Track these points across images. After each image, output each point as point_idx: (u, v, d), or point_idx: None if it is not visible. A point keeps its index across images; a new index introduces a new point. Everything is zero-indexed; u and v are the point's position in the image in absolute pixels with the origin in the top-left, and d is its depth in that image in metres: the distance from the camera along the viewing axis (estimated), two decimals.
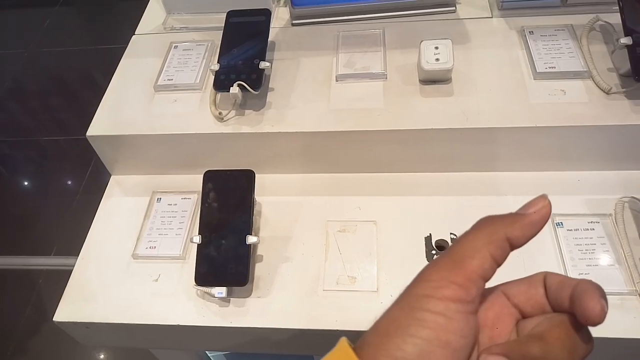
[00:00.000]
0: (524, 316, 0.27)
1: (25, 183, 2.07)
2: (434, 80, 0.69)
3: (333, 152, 0.69)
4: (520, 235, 0.26)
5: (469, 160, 0.68)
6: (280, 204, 0.69)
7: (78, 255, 0.67)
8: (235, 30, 0.73)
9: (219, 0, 0.82)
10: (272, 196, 0.70)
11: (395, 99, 0.69)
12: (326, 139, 0.67)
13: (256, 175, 0.69)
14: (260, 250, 0.64)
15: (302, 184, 0.71)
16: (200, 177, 0.66)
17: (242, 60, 0.69)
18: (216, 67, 0.69)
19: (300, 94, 0.71)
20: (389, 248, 0.64)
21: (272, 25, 0.81)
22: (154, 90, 0.74)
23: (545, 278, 0.27)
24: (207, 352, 0.88)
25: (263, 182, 0.71)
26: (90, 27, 2.54)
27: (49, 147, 2.15)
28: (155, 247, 0.65)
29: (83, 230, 0.70)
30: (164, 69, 0.76)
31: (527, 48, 0.71)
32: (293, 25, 0.82)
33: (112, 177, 0.76)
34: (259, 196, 0.68)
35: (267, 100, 0.71)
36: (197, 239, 0.60)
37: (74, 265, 0.66)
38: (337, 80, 0.72)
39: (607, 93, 0.65)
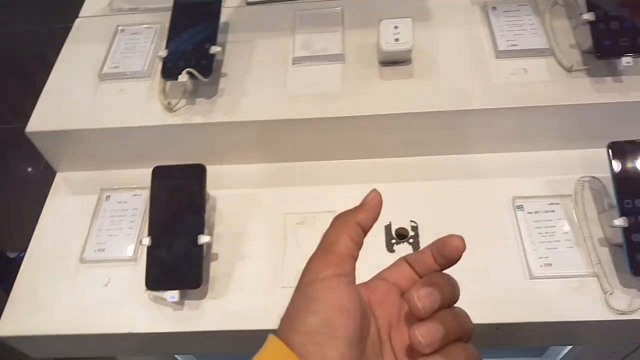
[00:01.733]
0: (401, 290, 0.33)
1: None
2: (394, 61, 0.66)
3: (290, 140, 0.66)
4: (365, 218, 0.32)
5: (430, 144, 0.66)
6: (236, 197, 0.66)
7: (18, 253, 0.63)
8: (184, 13, 0.68)
9: None
10: (227, 189, 0.66)
11: (354, 82, 0.66)
12: (282, 127, 0.64)
13: (211, 166, 0.65)
14: (215, 248, 0.61)
15: (258, 175, 0.68)
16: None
17: (192, 45, 0.65)
18: (164, 53, 0.65)
19: (254, 79, 0.67)
20: None
21: (225, 5, 0.77)
22: (99, 79, 0.69)
23: (405, 259, 0.34)
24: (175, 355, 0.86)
25: (218, 174, 0.67)
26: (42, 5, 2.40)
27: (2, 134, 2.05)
28: (104, 250, 0.62)
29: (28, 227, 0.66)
30: (109, 56, 0.71)
31: (490, 25, 0.69)
32: (248, 4, 0.77)
33: (57, 174, 0.72)
34: (213, 189, 0.65)
35: (220, 86, 0.67)
36: (146, 240, 0.57)
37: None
38: (293, 64, 0.68)
39: (569, 71, 0.63)
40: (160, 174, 0.60)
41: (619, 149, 0.56)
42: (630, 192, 0.54)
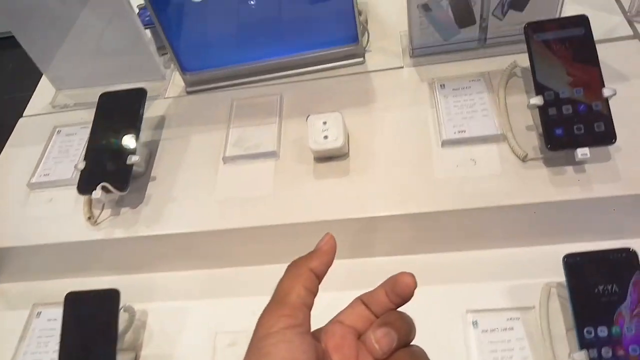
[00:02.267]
0: (358, 332, 0.31)
1: None
2: (329, 157, 0.61)
3: (220, 249, 0.61)
4: (319, 264, 0.31)
5: (371, 246, 0.59)
6: (167, 311, 0.61)
7: None
8: (106, 117, 0.65)
9: (109, 72, 0.75)
10: (158, 302, 0.62)
11: (286, 183, 0.60)
12: (209, 237, 0.59)
13: (141, 275, 0.63)
14: None
15: (191, 284, 0.63)
16: (90, 281, 0.59)
17: (111, 154, 0.61)
18: (81, 165, 0.61)
19: (183, 183, 0.63)
20: None
21: (166, 95, 0.74)
22: (29, 189, 0.67)
23: (361, 299, 0.33)
24: None
25: (149, 284, 0.63)
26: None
27: None
28: None
29: None
30: (42, 162, 0.69)
31: (437, 106, 0.62)
32: (188, 93, 0.74)
33: None
34: (144, 302, 0.61)
35: (147, 192, 0.63)
36: None
37: None
38: (225, 163, 0.64)
39: (523, 160, 0.55)
40: (72, 302, 0.55)
41: (576, 264, 0.48)
42: (591, 319, 0.46)
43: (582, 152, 0.51)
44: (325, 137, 0.58)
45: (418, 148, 0.59)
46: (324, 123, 0.58)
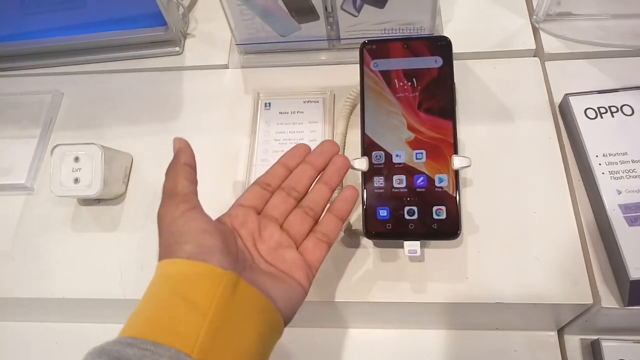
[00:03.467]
0: (256, 209, 0.34)
1: None
2: (96, 198, 0.44)
3: None
4: (187, 157, 0.33)
5: None
6: None
7: None
8: None
9: None
10: None
11: (33, 232, 0.44)
12: None
13: None
14: None
15: None
16: None
17: None
18: None
19: None
20: None
21: None
22: None
23: (256, 182, 0.35)
24: None
25: None
26: None
27: None
28: None
29: None
30: None
31: (255, 135, 0.45)
32: None
33: None
34: None
35: None
36: None
37: None
38: None
39: (346, 233, 0.40)
40: None
41: None
42: None
43: (410, 248, 0.35)
44: (76, 179, 0.41)
45: (214, 197, 0.43)
46: (76, 159, 0.41)
